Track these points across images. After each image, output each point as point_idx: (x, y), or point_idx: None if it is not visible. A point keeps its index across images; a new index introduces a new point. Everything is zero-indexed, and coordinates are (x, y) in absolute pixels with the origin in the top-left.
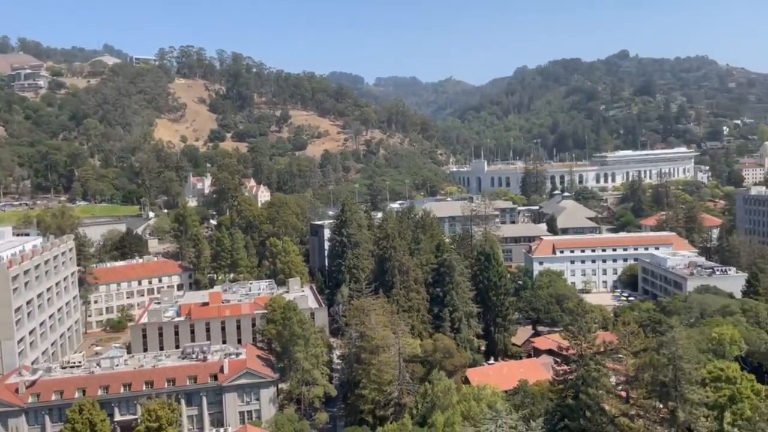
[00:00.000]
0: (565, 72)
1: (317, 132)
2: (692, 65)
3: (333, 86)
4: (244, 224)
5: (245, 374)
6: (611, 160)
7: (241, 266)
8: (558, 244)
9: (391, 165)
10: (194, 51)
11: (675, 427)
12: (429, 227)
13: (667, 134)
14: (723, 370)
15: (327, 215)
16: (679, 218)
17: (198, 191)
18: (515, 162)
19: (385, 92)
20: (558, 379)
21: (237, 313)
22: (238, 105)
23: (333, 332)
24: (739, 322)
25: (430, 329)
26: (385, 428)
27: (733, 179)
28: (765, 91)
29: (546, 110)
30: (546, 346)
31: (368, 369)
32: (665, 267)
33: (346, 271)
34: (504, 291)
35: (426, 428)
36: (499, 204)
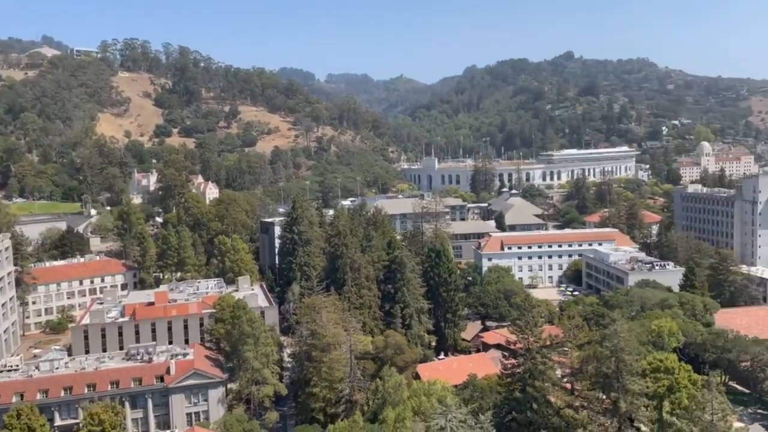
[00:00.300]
0: (513, 72)
1: (267, 128)
2: (633, 67)
3: (283, 82)
4: (191, 222)
5: (193, 375)
6: (557, 158)
7: (189, 265)
8: (506, 241)
9: (342, 162)
10: (138, 44)
11: (617, 417)
12: (380, 224)
13: (609, 134)
14: (662, 361)
15: (277, 212)
16: (621, 215)
17: (143, 188)
18: (465, 160)
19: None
20: (506, 372)
21: (184, 313)
22: (185, 100)
23: (284, 331)
24: (677, 314)
25: (381, 326)
26: (336, 426)
27: (671, 177)
28: (701, 92)
29: (494, 109)
30: (494, 340)
31: (319, 367)
32: (608, 262)
33: (297, 269)
34: (454, 287)
35: (377, 424)
36: (449, 201)
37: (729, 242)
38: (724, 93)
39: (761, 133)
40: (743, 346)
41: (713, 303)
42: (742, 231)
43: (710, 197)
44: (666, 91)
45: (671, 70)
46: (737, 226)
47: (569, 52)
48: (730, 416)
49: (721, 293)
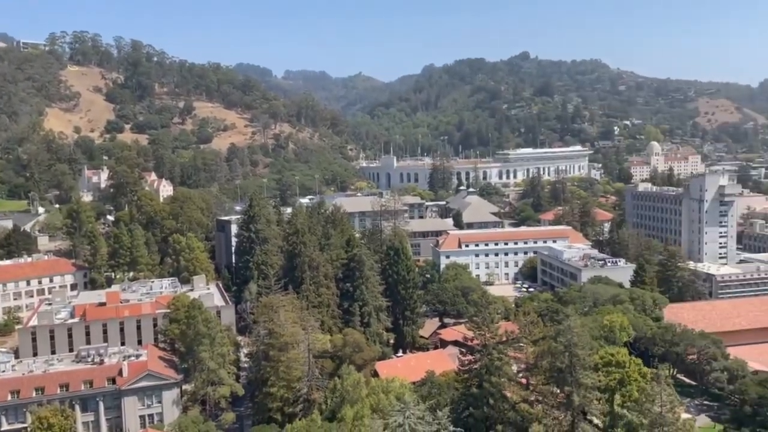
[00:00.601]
0: (471, 71)
1: (223, 125)
2: (587, 68)
3: (240, 78)
4: (144, 220)
5: (146, 376)
6: (513, 157)
7: (142, 264)
8: (463, 239)
9: (300, 160)
10: (89, 37)
11: (571, 411)
12: (339, 222)
13: (564, 133)
14: (613, 355)
15: (234, 210)
16: (574, 213)
17: (94, 185)
18: (423, 158)
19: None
20: (463, 368)
21: (137, 313)
22: (137, 95)
23: (240, 330)
24: (628, 310)
25: (340, 324)
26: (294, 425)
27: (622, 176)
28: (651, 94)
29: (452, 108)
30: (452, 337)
31: (277, 366)
32: (562, 259)
33: (254, 268)
34: (412, 285)
35: (335, 423)
36: (407, 199)
37: (677, 239)
38: (672, 94)
39: (707, 134)
40: (690, 339)
41: (662, 298)
42: (689, 228)
43: (659, 196)
44: (618, 92)
45: (623, 71)
46: (685, 223)
47: (525, 53)
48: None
49: (669, 289)
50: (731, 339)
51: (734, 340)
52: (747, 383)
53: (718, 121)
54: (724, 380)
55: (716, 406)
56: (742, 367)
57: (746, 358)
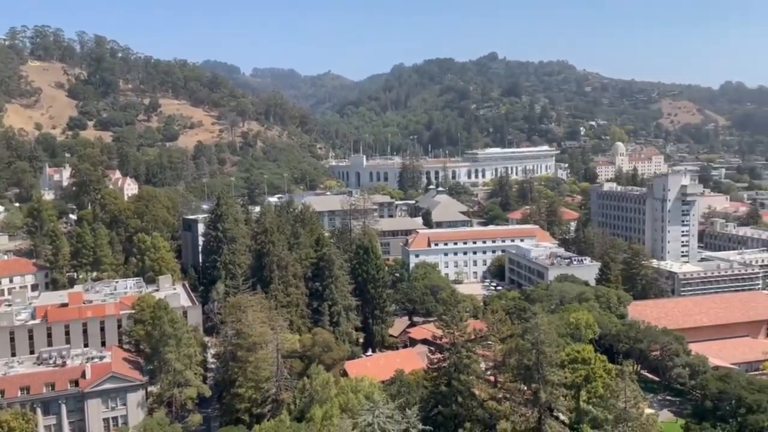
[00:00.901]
0: (440, 71)
1: (190, 122)
2: (553, 69)
3: (207, 75)
4: (108, 219)
5: (110, 378)
6: (482, 157)
7: (105, 264)
8: (433, 237)
9: (269, 158)
10: (51, 32)
11: (537, 407)
12: (308, 221)
13: (531, 133)
14: (579, 352)
15: (201, 209)
16: (541, 212)
17: (55, 183)
18: (393, 157)
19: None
20: (432, 367)
21: (100, 314)
22: (101, 91)
23: (207, 331)
24: (593, 307)
25: (309, 324)
26: (262, 426)
27: (588, 176)
28: (616, 95)
29: (422, 107)
30: (421, 335)
31: (245, 367)
32: (529, 258)
33: (221, 267)
34: (382, 284)
35: (304, 423)
36: (377, 198)
37: (641, 238)
38: (636, 96)
39: (670, 135)
40: (653, 336)
41: (626, 296)
42: (652, 227)
43: (624, 195)
44: (584, 93)
45: (588, 72)
46: (648, 222)
47: (493, 53)
48: (641, 403)
49: (633, 286)
50: (693, 335)
51: (696, 336)
52: (708, 378)
53: (680, 123)
54: (685, 376)
55: (678, 401)
56: (703, 363)
57: (707, 354)
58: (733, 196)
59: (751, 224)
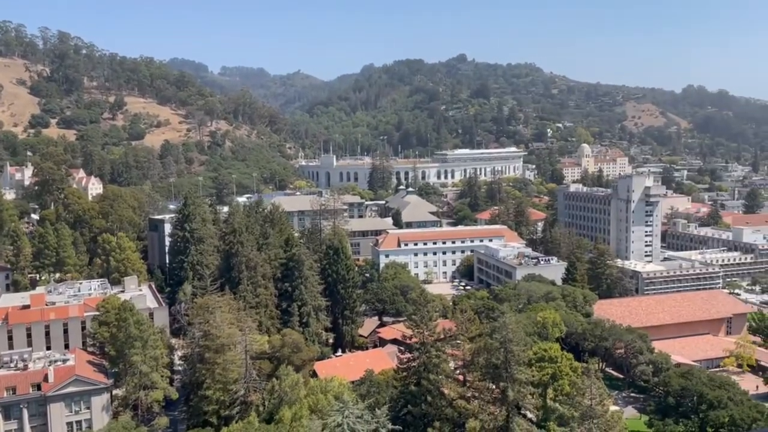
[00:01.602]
0: (410, 72)
1: (156, 121)
2: (521, 72)
3: (174, 73)
4: (72, 219)
5: (74, 381)
6: (451, 157)
7: (69, 265)
8: (403, 238)
9: (238, 158)
10: (12, 27)
11: (506, 406)
12: (278, 222)
13: (499, 135)
14: (546, 351)
15: (168, 209)
16: (509, 212)
17: (17, 182)
18: (363, 158)
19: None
20: (402, 367)
21: (64, 316)
22: (64, 89)
23: (174, 332)
24: (560, 306)
25: (278, 325)
26: (231, 428)
27: (555, 177)
28: (582, 98)
29: (392, 108)
30: (391, 335)
31: (213, 368)
32: (497, 257)
33: (189, 268)
34: (352, 284)
35: (273, 425)
36: (347, 198)
37: (606, 238)
38: (602, 99)
39: (634, 137)
40: (618, 334)
41: (592, 295)
42: (617, 227)
43: (589, 196)
44: (551, 95)
45: (555, 75)
46: (613, 222)
47: (462, 55)
48: (606, 400)
49: (599, 285)
50: (656, 333)
51: (659, 334)
52: (670, 375)
53: (644, 125)
54: (649, 373)
55: (642, 398)
56: (666, 360)
57: (670, 351)
58: (694, 197)
59: (712, 225)
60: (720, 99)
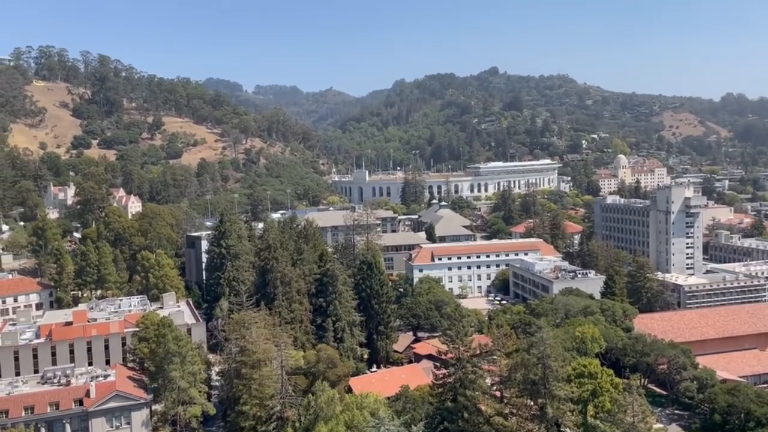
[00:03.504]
0: (441, 86)
1: (193, 140)
2: (554, 83)
3: (210, 93)
4: (112, 237)
5: (114, 397)
6: (484, 171)
7: (110, 282)
8: (436, 252)
9: (272, 174)
10: (55, 52)
11: (545, 423)
12: (311, 237)
13: (533, 147)
14: (585, 366)
15: (204, 226)
16: (544, 225)
17: (60, 202)
18: (395, 172)
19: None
20: (437, 382)
21: (105, 332)
22: (105, 110)
23: (211, 348)
24: (599, 321)
25: (313, 340)
26: None
27: (591, 189)
28: (617, 108)
29: (423, 122)
30: (426, 351)
31: (249, 384)
32: (533, 271)
33: (225, 284)
34: (386, 299)
35: None
36: (380, 213)
37: (645, 250)
38: (638, 108)
39: (672, 147)
40: (660, 349)
41: (632, 309)
42: (656, 239)
43: (627, 207)
44: (585, 106)
45: (589, 86)
46: (652, 234)
47: (494, 68)
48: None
49: (638, 299)
50: (699, 348)
51: (702, 349)
52: (716, 392)
53: (682, 135)
54: (693, 389)
55: (687, 415)
56: (711, 376)
57: (714, 367)
58: (737, 207)
59: (756, 235)
60: (761, 106)
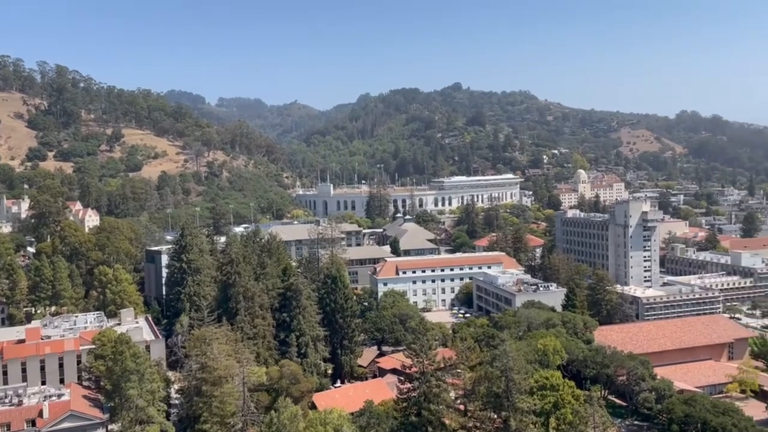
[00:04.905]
0: (405, 101)
1: (154, 152)
2: (516, 99)
3: (171, 105)
4: (68, 252)
5: (69, 417)
6: (448, 185)
7: (65, 298)
8: (401, 266)
9: (235, 188)
10: (10, 61)
11: None
12: (275, 251)
13: (495, 161)
14: (548, 378)
15: (165, 240)
16: (507, 239)
17: (13, 215)
18: (360, 186)
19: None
20: (402, 397)
21: (59, 350)
22: (62, 122)
23: (171, 365)
24: (560, 333)
25: (276, 356)
26: None
27: (552, 203)
28: (577, 124)
29: (388, 136)
30: (390, 365)
31: (210, 401)
32: (496, 284)
33: (186, 300)
34: (350, 313)
35: None
36: (345, 227)
37: (604, 263)
38: (597, 125)
39: (630, 162)
40: (619, 361)
41: (592, 321)
42: (615, 253)
43: (587, 221)
44: (546, 122)
45: (550, 102)
46: (611, 248)
47: (457, 83)
48: (609, 429)
49: (598, 311)
50: (657, 359)
51: (660, 360)
52: (673, 402)
53: (639, 150)
54: (652, 400)
55: (646, 425)
56: (669, 387)
57: (672, 377)
58: (691, 221)
59: (710, 249)
60: (714, 124)
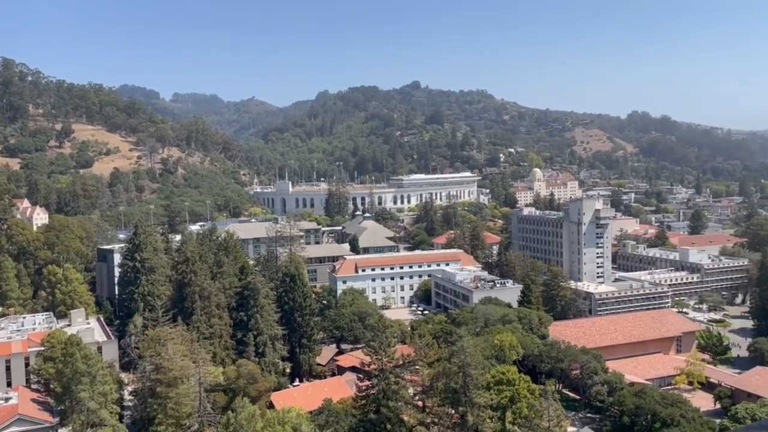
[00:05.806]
0: (364, 98)
1: (106, 149)
2: (474, 98)
3: (124, 100)
4: (15, 251)
5: (16, 421)
6: (407, 183)
7: (12, 299)
8: (360, 263)
9: (190, 185)
10: None
11: (465, 431)
12: (232, 249)
13: (454, 160)
14: (504, 373)
15: (117, 239)
16: (465, 236)
17: None
18: (319, 184)
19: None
20: (360, 394)
21: (6, 353)
22: (8, 116)
23: (124, 366)
24: (516, 329)
25: (233, 355)
26: None
27: (508, 201)
28: (533, 123)
29: (347, 134)
30: (350, 363)
31: (165, 403)
32: (454, 281)
33: (139, 299)
34: (309, 311)
35: None
36: (303, 225)
37: (559, 260)
38: (552, 124)
39: (583, 161)
40: (573, 355)
41: (547, 317)
42: (569, 249)
43: (542, 219)
44: (502, 121)
45: (507, 102)
46: (565, 245)
47: (416, 82)
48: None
49: (553, 307)
50: (609, 353)
51: (612, 354)
52: (624, 395)
53: (592, 150)
54: (604, 393)
55: (598, 418)
56: (620, 380)
57: (623, 371)
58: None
59: (660, 245)
60: (663, 124)
